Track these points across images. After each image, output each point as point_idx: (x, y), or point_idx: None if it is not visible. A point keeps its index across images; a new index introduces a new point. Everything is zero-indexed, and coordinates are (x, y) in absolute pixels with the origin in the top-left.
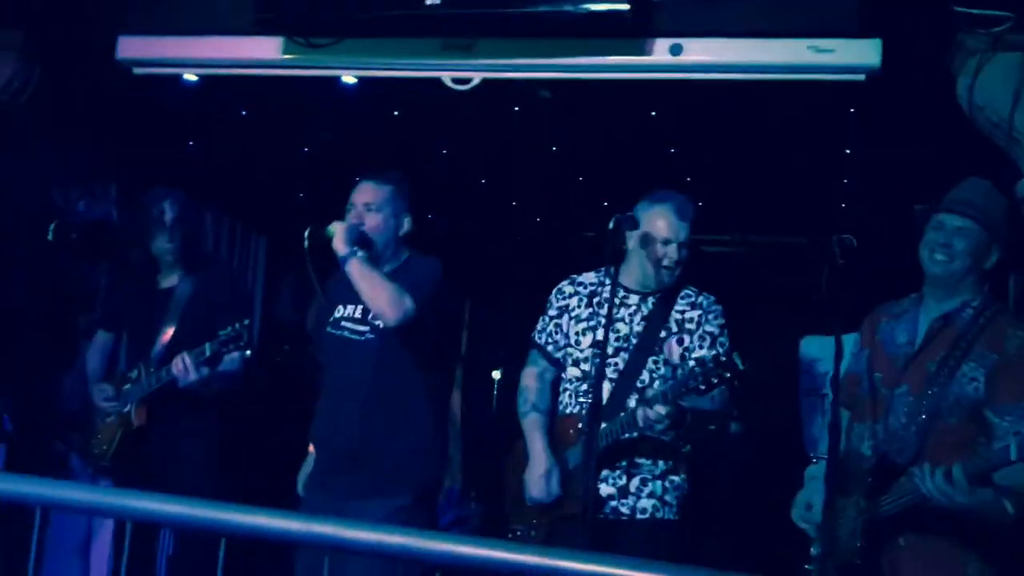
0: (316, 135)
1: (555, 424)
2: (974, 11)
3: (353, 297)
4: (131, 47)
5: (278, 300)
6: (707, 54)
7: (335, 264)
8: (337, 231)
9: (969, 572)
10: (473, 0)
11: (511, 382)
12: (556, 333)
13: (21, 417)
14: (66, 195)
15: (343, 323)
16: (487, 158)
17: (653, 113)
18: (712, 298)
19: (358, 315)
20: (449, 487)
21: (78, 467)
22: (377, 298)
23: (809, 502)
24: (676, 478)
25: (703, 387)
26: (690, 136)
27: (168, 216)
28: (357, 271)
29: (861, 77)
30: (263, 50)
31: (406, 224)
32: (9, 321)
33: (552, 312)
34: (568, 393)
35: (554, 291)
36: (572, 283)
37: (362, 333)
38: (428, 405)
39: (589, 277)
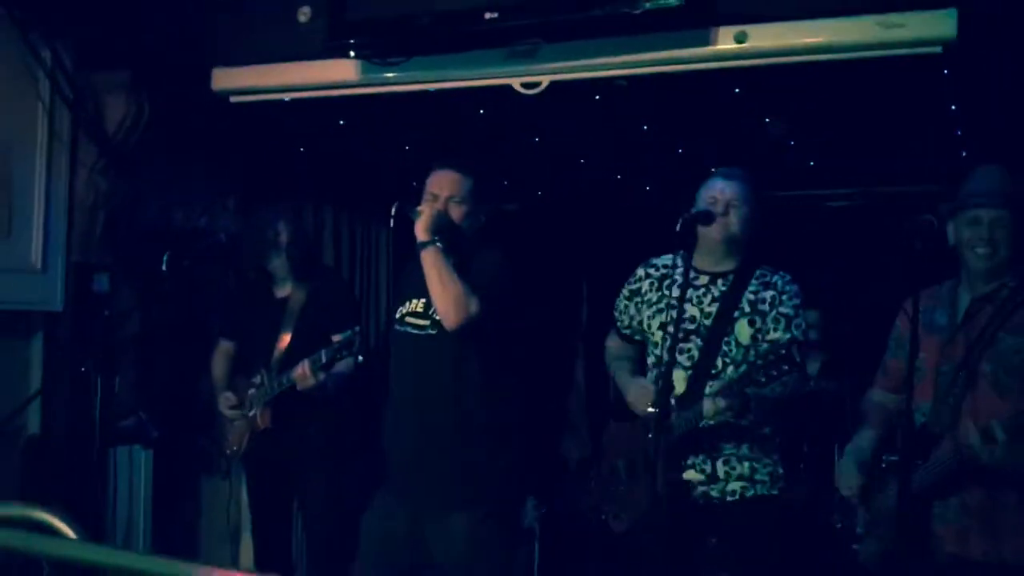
0: (412, 134)
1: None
2: None
3: (419, 291)
4: (224, 78)
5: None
6: (773, 39)
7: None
8: (423, 216)
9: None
10: (528, 11)
11: None
12: (624, 314)
13: (166, 420)
14: (187, 214)
15: (407, 318)
16: (579, 144)
17: (737, 89)
18: (787, 277)
19: (420, 308)
20: (579, 458)
21: (217, 465)
22: (444, 296)
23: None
24: (767, 460)
25: (763, 380)
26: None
27: (283, 236)
28: (432, 262)
29: (938, 49)
30: (343, 72)
31: (483, 217)
32: (149, 334)
33: (625, 292)
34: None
35: (632, 274)
36: (645, 266)
37: (423, 327)
38: (496, 406)
39: (663, 259)
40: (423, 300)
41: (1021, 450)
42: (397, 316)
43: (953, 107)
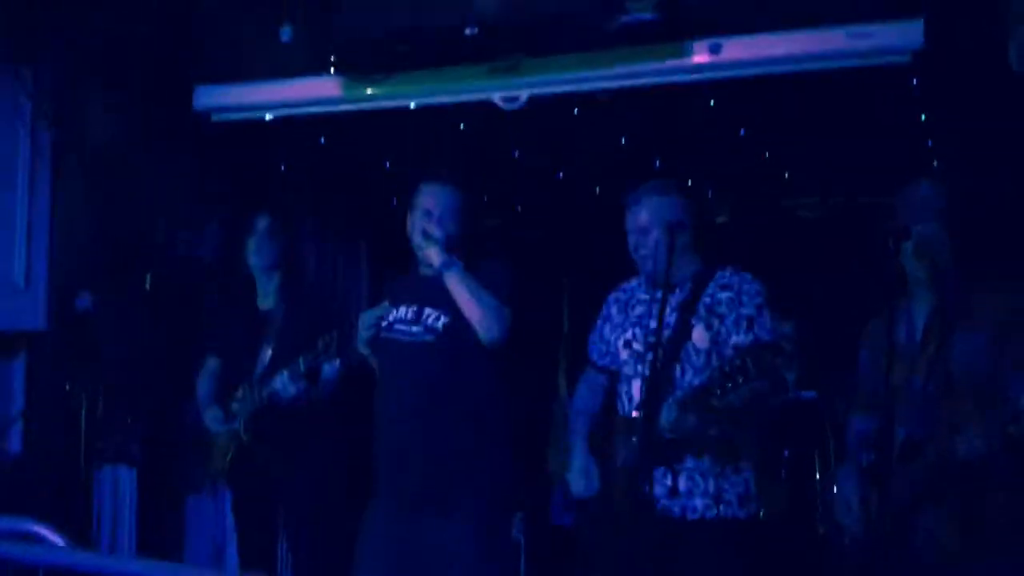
0: (392, 151)
1: (612, 424)
2: None
3: (407, 298)
4: (206, 96)
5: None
6: (746, 51)
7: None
8: (435, 240)
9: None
10: (507, 25)
11: None
12: (599, 342)
13: (149, 443)
14: (168, 232)
15: (396, 325)
16: (559, 156)
17: (712, 102)
18: (747, 276)
19: (411, 316)
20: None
21: (201, 484)
22: (482, 314)
23: (848, 502)
24: (736, 477)
25: (719, 392)
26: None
27: (260, 226)
28: (457, 283)
29: (906, 58)
30: (325, 89)
31: (474, 229)
32: (133, 353)
33: (599, 322)
34: (618, 395)
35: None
36: (616, 291)
37: (415, 334)
38: (492, 408)
39: (629, 283)
40: (414, 308)
41: (999, 452)
42: (384, 324)
43: (923, 116)
